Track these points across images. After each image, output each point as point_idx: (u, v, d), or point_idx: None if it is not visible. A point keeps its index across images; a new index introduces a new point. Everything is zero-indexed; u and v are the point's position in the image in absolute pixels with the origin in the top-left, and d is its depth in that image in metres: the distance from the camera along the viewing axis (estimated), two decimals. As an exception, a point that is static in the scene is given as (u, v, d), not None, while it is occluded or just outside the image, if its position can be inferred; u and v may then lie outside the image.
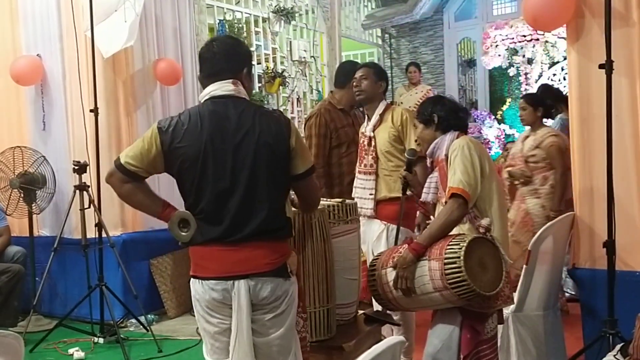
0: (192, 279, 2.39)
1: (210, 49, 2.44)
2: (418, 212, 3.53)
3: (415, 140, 3.47)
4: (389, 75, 9.68)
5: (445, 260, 2.50)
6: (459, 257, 2.46)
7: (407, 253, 2.61)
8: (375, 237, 3.64)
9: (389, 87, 10.17)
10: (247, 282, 2.28)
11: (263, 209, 2.31)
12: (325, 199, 3.25)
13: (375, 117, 3.72)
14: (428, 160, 2.99)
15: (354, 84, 3.77)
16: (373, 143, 3.68)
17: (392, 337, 1.67)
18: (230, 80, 2.38)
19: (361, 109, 4.11)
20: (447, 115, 2.82)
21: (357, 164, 3.82)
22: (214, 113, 2.33)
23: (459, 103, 3.02)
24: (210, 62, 2.42)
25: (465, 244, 2.48)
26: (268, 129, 2.34)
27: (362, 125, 3.87)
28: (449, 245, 2.53)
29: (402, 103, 8.40)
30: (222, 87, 2.37)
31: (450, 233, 2.66)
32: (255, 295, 2.30)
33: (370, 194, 3.66)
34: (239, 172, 2.29)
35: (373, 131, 3.70)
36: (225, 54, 2.42)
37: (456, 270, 2.46)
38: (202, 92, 2.43)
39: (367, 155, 3.71)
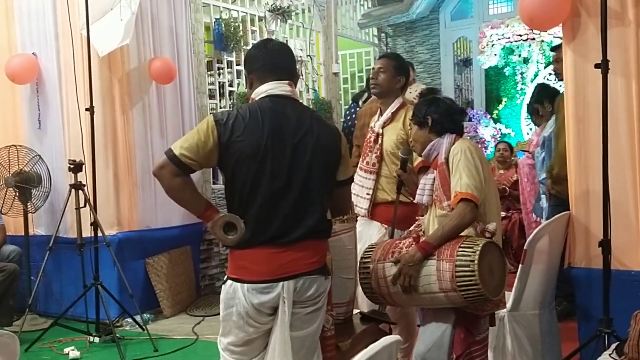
0: (230, 282, 2.34)
1: (268, 46, 2.46)
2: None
3: (409, 141, 3.42)
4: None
5: (457, 262, 2.48)
6: (472, 261, 2.44)
7: (416, 251, 2.58)
8: (375, 240, 3.55)
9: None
10: (296, 282, 2.29)
11: (316, 211, 2.34)
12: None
13: (387, 114, 3.59)
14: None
15: (371, 75, 3.66)
16: (380, 141, 3.56)
17: (388, 337, 1.67)
18: (287, 82, 2.40)
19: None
20: (441, 118, 2.79)
21: (360, 160, 3.70)
22: (274, 111, 2.32)
23: (455, 104, 2.98)
24: (270, 59, 2.40)
25: (479, 248, 2.46)
26: (325, 133, 2.39)
27: (373, 118, 3.75)
28: (461, 247, 2.50)
29: None
30: (279, 87, 2.37)
31: None
32: (300, 294, 2.31)
33: (368, 194, 3.57)
34: (295, 172, 2.29)
35: (382, 128, 3.59)
36: (286, 54, 2.47)
37: (469, 273, 2.44)
38: (257, 89, 2.39)
39: (371, 153, 3.59)
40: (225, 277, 2.40)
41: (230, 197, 2.35)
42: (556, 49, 4.33)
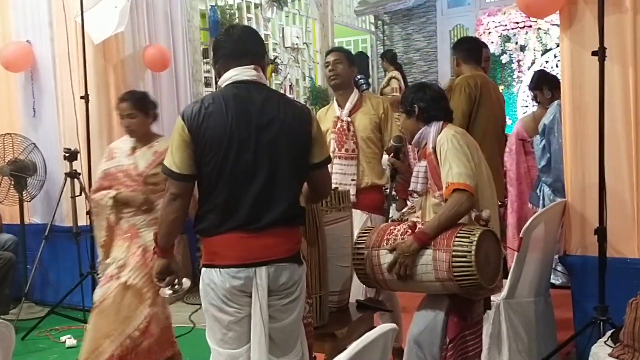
0: (205, 269, 2.35)
1: (230, 33, 2.43)
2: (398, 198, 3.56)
3: (400, 129, 3.44)
4: (381, 62, 9.68)
5: (454, 253, 2.47)
6: (469, 252, 2.44)
7: (412, 242, 2.56)
8: (357, 229, 3.57)
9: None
10: (268, 269, 2.28)
11: (286, 196, 2.31)
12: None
13: (350, 103, 3.67)
14: (414, 150, 2.96)
15: (329, 68, 3.69)
16: (352, 128, 3.63)
17: (384, 325, 1.67)
18: (252, 66, 2.36)
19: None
20: (428, 106, 2.76)
21: (336, 149, 3.67)
22: (238, 97, 2.30)
23: (441, 91, 2.94)
24: (231, 45, 2.38)
25: (475, 239, 2.45)
26: (292, 116, 2.35)
27: (334, 109, 3.78)
28: (457, 237, 2.49)
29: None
30: (244, 72, 2.34)
31: None
32: (274, 282, 2.30)
33: (352, 180, 3.60)
34: (263, 157, 2.27)
35: (349, 116, 3.65)
36: (250, 39, 2.43)
37: (466, 264, 2.44)
38: (222, 78, 2.38)
39: (348, 140, 3.64)
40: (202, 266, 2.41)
41: (199, 185, 2.34)
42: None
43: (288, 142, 2.31)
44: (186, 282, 2.50)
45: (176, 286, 2.49)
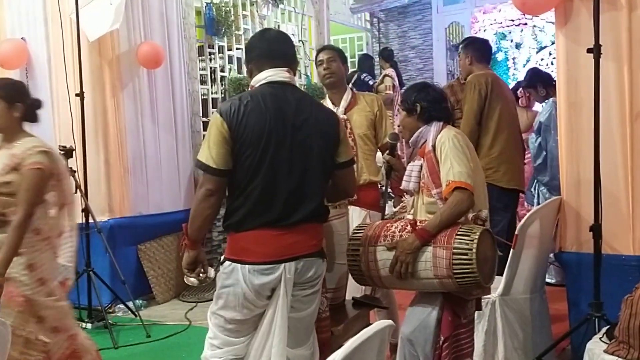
0: (229, 262, 2.37)
1: (265, 35, 2.53)
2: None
3: (398, 125, 3.46)
4: (378, 59, 9.69)
5: (455, 250, 2.48)
6: (470, 249, 2.45)
7: (414, 239, 2.56)
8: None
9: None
10: (296, 264, 2.35)
11: (315, 195, 2.40)
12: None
13: (345, 100, 3.66)
14: (409, 149, 2.96)
15: (324, 66, 3.67)
16: (349, 126, 3.62)
17: (381, 321, 1.68)
18: (286, 68, 2.44)
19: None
20: (430, 106, 2.77)
21: None
22: (275, 96, 2.37)
23: (443, 93, 2.95)
24: (266, 46, 2.46)
25: (476, 237, 2.47)
26: (323, 117, 2.46)
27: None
28: (458, 235, 2.50)
29: None
30: (278, 74, 2.42)
31: None
32: (300, 276, 2.37)
33: None
34: (296, 156, 2.34)
35: (345, 114, 3.65)
36: (284, 42, 2.51)
37: (466, 261, 2.45)
38: (256, 77, 2.43)
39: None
40: (223, 258, 2.43)
41: (231, 181, 2.36)
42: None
43: (319, 142, 2.40)
44: (211, 272, 2.52)
45: (202, 275, 2.50)
